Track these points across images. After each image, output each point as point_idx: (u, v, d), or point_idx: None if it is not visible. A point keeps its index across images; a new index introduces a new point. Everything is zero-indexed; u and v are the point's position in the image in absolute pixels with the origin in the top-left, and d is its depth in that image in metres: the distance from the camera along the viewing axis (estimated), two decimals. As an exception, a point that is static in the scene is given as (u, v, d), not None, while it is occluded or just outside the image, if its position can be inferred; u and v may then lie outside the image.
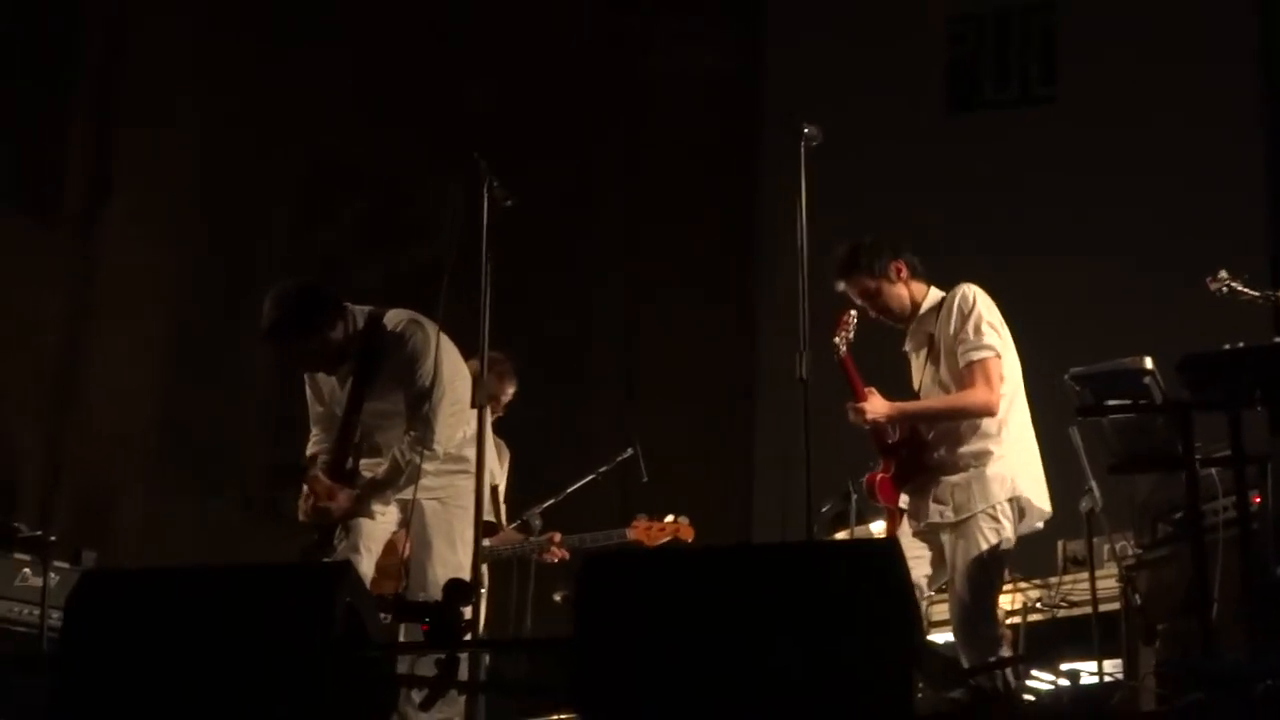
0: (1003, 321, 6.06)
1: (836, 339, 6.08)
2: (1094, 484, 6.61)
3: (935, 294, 6.17)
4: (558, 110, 11.87)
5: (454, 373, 6.01)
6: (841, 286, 6.11)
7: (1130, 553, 6.48)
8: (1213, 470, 5.43)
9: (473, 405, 5.56)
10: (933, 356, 6.10)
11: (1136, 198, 10.34)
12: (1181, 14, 10.65)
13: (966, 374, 5.93)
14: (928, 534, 5.97)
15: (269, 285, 6.19)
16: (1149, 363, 5.13)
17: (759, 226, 11.54)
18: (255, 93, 10.47)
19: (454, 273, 5.59)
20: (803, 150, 5.65)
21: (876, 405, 5.97)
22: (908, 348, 6.25)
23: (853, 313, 6.11)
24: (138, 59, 10.04)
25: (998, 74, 11.52)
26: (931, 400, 6.05)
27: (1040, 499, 5.97)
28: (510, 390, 7.42)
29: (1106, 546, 6.94)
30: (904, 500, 6.06)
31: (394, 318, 6.11)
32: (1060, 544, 7.29)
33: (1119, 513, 6.65)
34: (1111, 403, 5.16)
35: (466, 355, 6.17)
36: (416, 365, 5.95)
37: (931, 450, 6.00)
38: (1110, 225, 10.33)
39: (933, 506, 5.92)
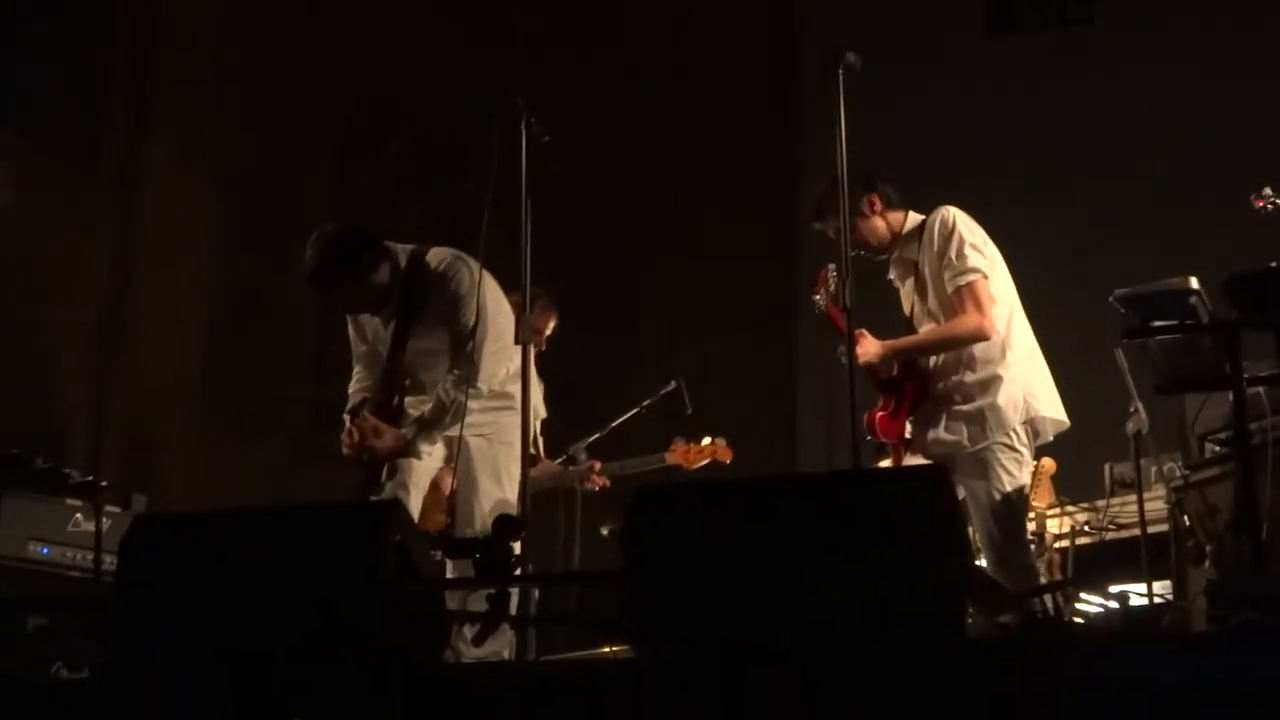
0: (986, 239, 5.98)
1: (816, 296, 6.04)
2: (1140, 406, 6.58)
3: (914, 218, 6.09)
4: (599, 43, 11.82)
5: (497, 309, 6.02)
6: (818, 226, 6.04)
7: (1178, 474, 6.45)
8: (1260, 389, 5.39)
9: (516, 342, 5.56)
10: (919, 285, 6.03)
11: (1177, 117, 10.25)
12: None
13: (955, 299, 5.86)
14: (939, 462, 5.90)
15: (312, 226, 6.20)
16: (1194, 283, 5.09)
17: (799, 151, 11.49)
18: (296, 33, 10.46)
19: (493, 209, 5.58)
20: (841, 77, 5.60)
21: (868, 346, 5.90)
22: (892, 276, 6.18)
23: (830, 268, 5.99)
24: (178, 3, 10.03)
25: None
26: (922, 334, 5.99)
27: (1054, 411, 5.92)
28: (551, 324, 7.42)
29: (1154, 468, 6.92)
30: (908, 430, 6.00)
31: (437, 256, 6.11)
32: (1108, 466, 7.27)
33: (1166, 434, 6.62)
34: (1157, 324, 5.13)
35: (506, 291, 6.17)
36: (460, 303, 5.96)
37: (936, 380, 5.94)
38: (1151, 145, 10.25)
39: (946, 436, 5.85)
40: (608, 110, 11.75)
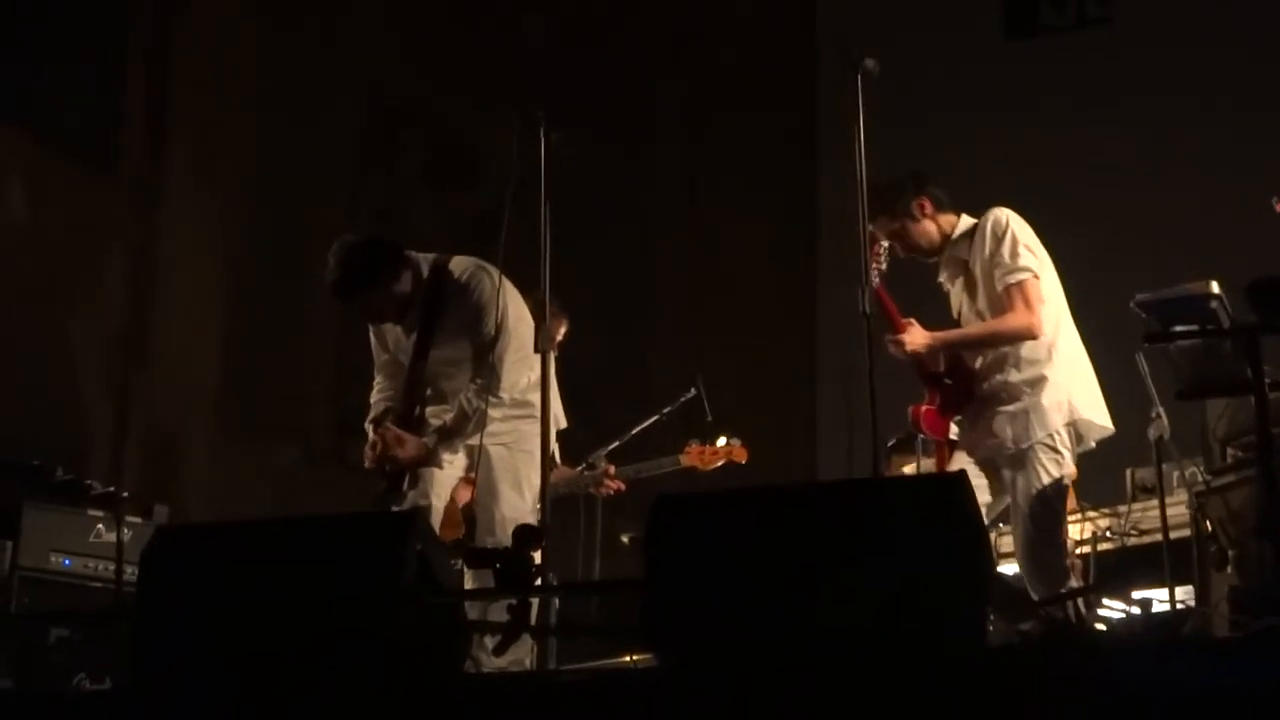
0: (1038, 242, 5.98)
1: (872, 268, 6.02)
2: (1162, 410, 6.56)
3: (966, 221, 6.09)
4: (616, 47, 11.83)
5: (518, 319, 6.02)
6: (869, 229, 6.05)
7: (1200, 479, 6.42)
8: (1282, 393, 5.37)
9: (535, 350, 5.57)
10: (969, 285, 6.03)
11: (1196, 120, 10.23)
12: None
13: (1005, 297, 5.86)
14: (985, 464, 5.92)
15: (330, 233, 6.21)
16: (1215, 287, 5.07)
17: (819, 157, 11.49)
18: (314, 39, 10.47)
19: (512, 217, 5.58)
20: (859, 81, 5.59)
21: (915, 336, 5.91)
22: (942, 278, 6.18)
23: (884, 243, 6.02)
24: (194, 7, 10.05)
25: (1054, -2, 11.41)
26: (971, 328, 5.99)
27: (1100, 417, 5.91)
28: (564, 330, 7.41)
29: (1176, 473, 6.89)
30: (954, 431, 6.02)
31: (459, 265, 6.12)
32: (1129, 472, 7.25)
33: (1188, 439, 6.60)
34: (1178, 328, 5.12)
35: (523, 296, 6.18)
36: (482, 313, 5.96)
37: (981, 380, 5.95)
38: (1171, 148, 10.23)
39: (990, 438, 5.88)
40: (624, 110, 11.76)
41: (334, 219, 10.25)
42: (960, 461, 5.96)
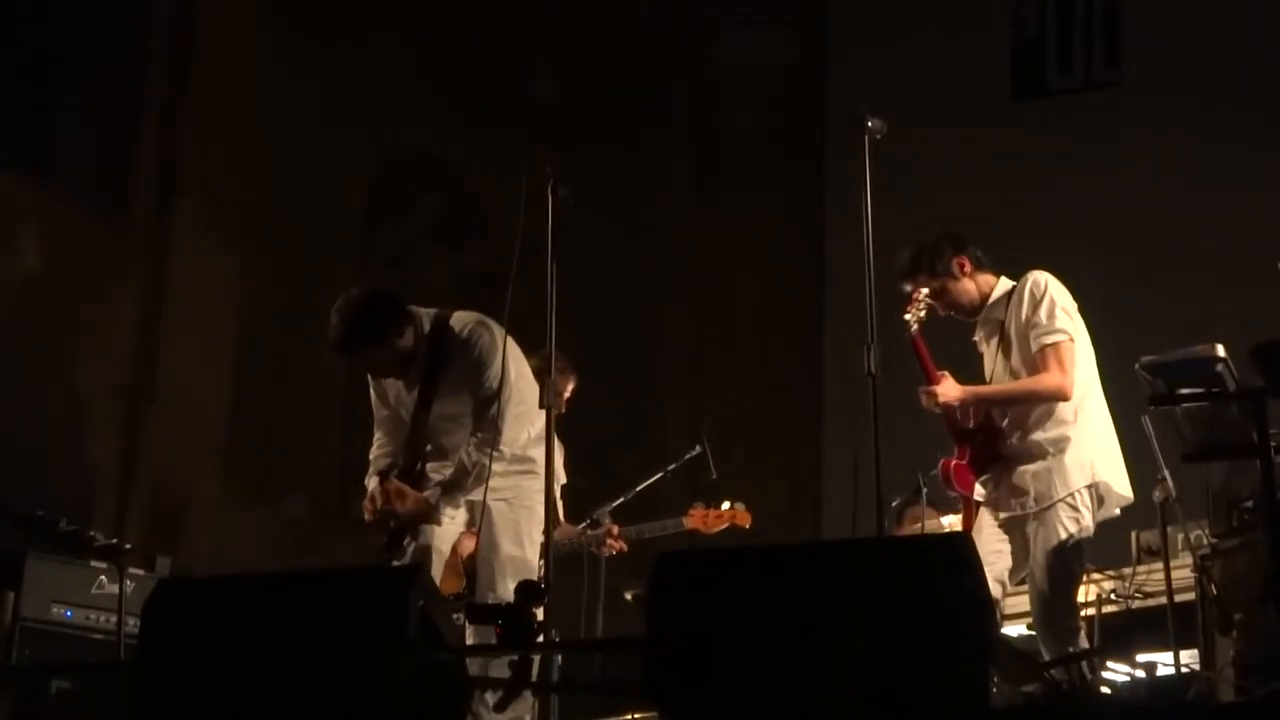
0: (1075, 307, 6.02)
1: (907, 315, 6.04)
2: (1167, 473, 6.55)
3: (1005, 283, 6.14)
4: (625, 102, 11.89)
5: (519, 374, 6.03)
6: (908, 288, 6.08)
7: (1205, 542, 6.41)
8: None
9: (541, 406, 5.57)
10: (1004, 345, 6.06)
11: (1204, 181, 10.24)
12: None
13: (1039, 358, 5.90)
14: (1010, 526, 5.93)
15: (339, 285, 6.24)
16: (1221, 350, 5.08)
17: (826, 216, 11.52)
18: (323, 91, 10.52)
19: (519, 273, 5.59)
20: (867, 142, 5.61)
21: (949, 389, 5.94)
22: (978, 338, 6.22)
23: (924, 290, 6.05)
24: (206, 57, 10.10)
25: (1062, 58, 11.44)
26: (1004, 385, 6.02)
27: (1121, 485, 5.93)
28: (571, 387, 7.42)
29: (1181, 536, 6.87)
30: (979, 491, 6.02)
31: (460, 320, 6.13)
32: (1134, 534, 7.23)
33: (1193, 502, 6.58)
34: (1184, 391, 5.12)
35: (528, 353, 6.19)
36: (484, 368, 5.97)
37: (1006, 437, 5.97)
38: (1178, 210, 10.24)
39: (1012, 498, 5.89)
40: (633, 168, 11.80)
41: (343, 271, 10.29)
42: (984, 524, 5.96)
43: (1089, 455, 5.87)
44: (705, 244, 12.28)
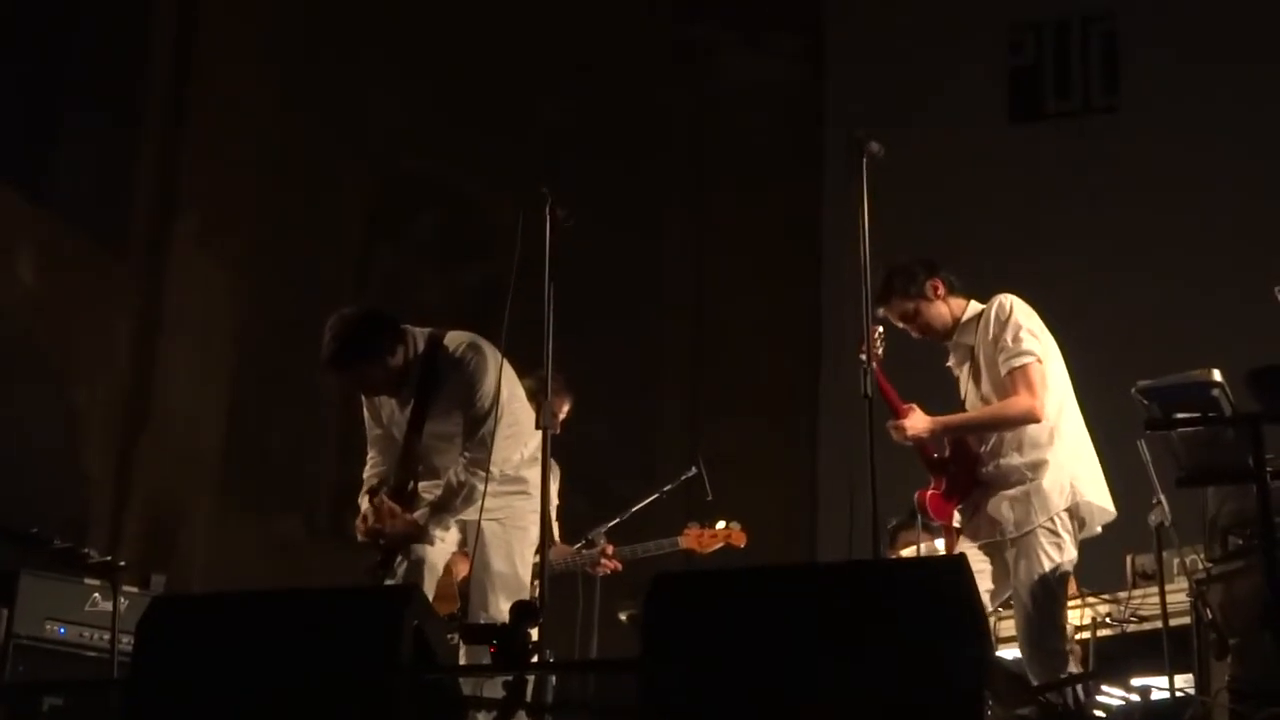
0: (1044, 328, 6.00)
1: (862, 355, 6.03)
2: (1163, 497, 6.54)
3: (975, 307, 6.12)
4: (625, 124, 11.91)
5: (511, 395, 6.03)
6: (882, 313, 6.08)
7: (1201, 567, 6.38)
8: (1283, 481, 5.36)
9: (536, 427, 5.57)
10: (974, 370, 6.05)
11: (1201, 207, 10.27)
12: (1244, 20, 10.57)
13: (1008, 382, 5.87)
14: (990, 548, 5.92)
15: (336, 305, 6.23)
16: (1217, 375, 5.08)
17: (824, 239, 11.53)
18: (322, 113, 10.54)
19: (517, 294, 5.60)
20: (865, 166, 5.62)
21: (916, 422, 5.92)
22: (951, 363, 6.21)
23: (880, 329, 6.03)
24: (204, 78, 10.12)
25: (1059, 84, 11.47)
26: (973, 412, 6.00)
27: (1102, 501, 5.91)
28: (566, 408, 7.41)
29: (1176, 560, 6.86)
30: (956, 518, 6.01)
31: (454, 340, 6.13)
32: (1129, 558, 7.22)
33: (1189, 526, 6.57)
34: (1180, 416, 5.11)
35: (523, 374, 6.19)
36: (475, 388, 5.96)
37: (982, 464, 5.95)
38: (1175, 235, 10.26)
39: (992, 522, 5.87)
40: (631, 187, 11.82)
41: (340, 291, 10.29)
42: (963, 546, 5.95)
43: (1067, 477, 5.85)
44: (703, 265, 12.29)
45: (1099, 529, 6.01)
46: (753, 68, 12.41)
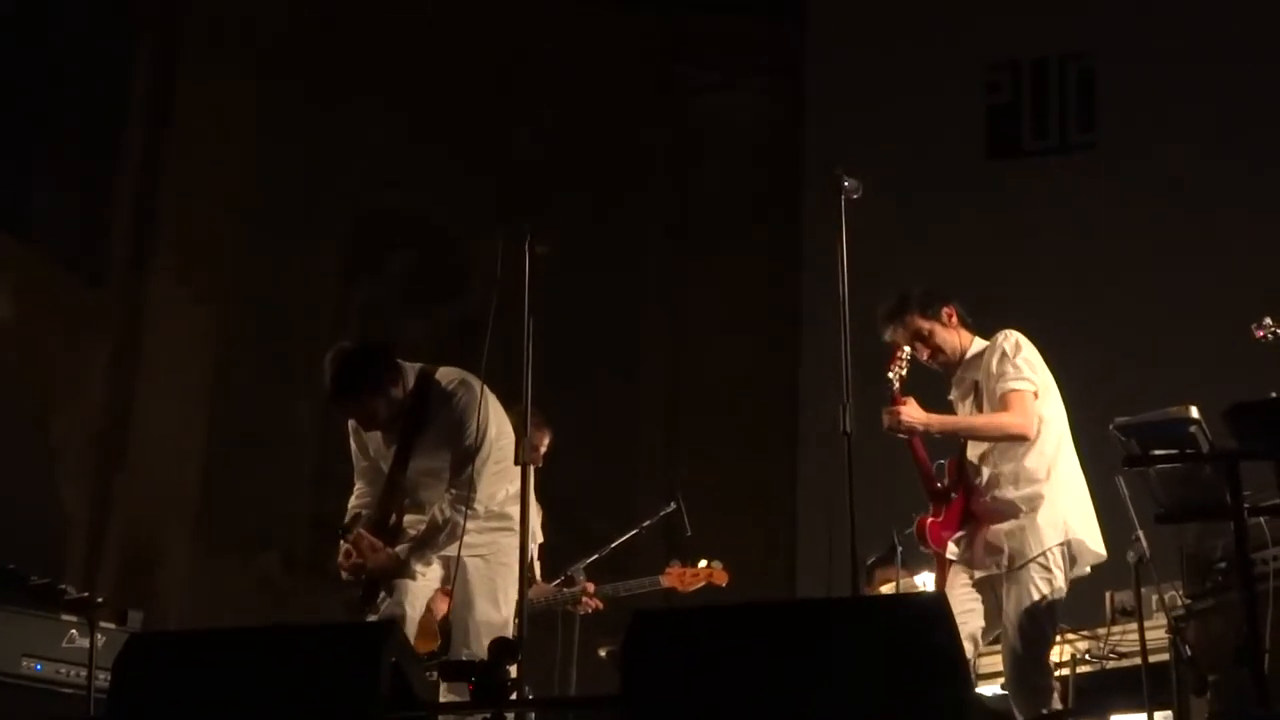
0: (1044, 366, 6.05)
1: (890, 374, 6.05)
2: (1141, 534, 6.55)
3: (980, 343, 6.18)
4: (604, 162, 11.94)
5: (499, 432, 6.02)
6: (889, 334, 6.10)
7: (1179, 603, 6.41)
8: (1261, 519, 5.38)
9: (515, 462, 5.56)
10: (976, 403, 6.09)
11: (1177, 244, 10.30)
12: (1220, 60, 10.63)
13: (1002, 400, 5.93)
14: (983, 585, 5.93)
15: (314, 342, 6.23)
16: (1194, 412, 5.10)
17: (803, 276, 11.54)
18: (299, 148, 10.55)
19: (496, 329, 5.60)
20: (843, 204, 5.64)
21: (913, 411, 5.94)
22: (953, 396, 6.25)
23: (906, 349, 6.08)
24: (184, 116, 10.13)
25: (1036, 122, 11.51)
26: (968, 417, 6.04)
27: (1094, 542, 5.95)
28: (547, 441, 7.41)
29: (1155, 597, 6.87)
30: (951, 549, 6.02)
31: (444, 376, 6.13)
32: (1108, 594, 7.23)
33: (1167, 563, 6.59)
34: (1158, 452, 5.13)
35: (504, 408, 6.19)
36: (464, 425, 5.96)
37: (980, 496, 5.98)
38: (1151, 273, 10.29)
39: (986, 555, 5.90)
40: (610, 225, 11.83)
41: (317, 328, 10.29)
42: (956, 583, 5.96)
43: (1062, 513, 5.89)
44: (682, 302, 12.30)
45: (1088, 569, 6.03)
46: (732, 107, 12.46)
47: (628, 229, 12.22)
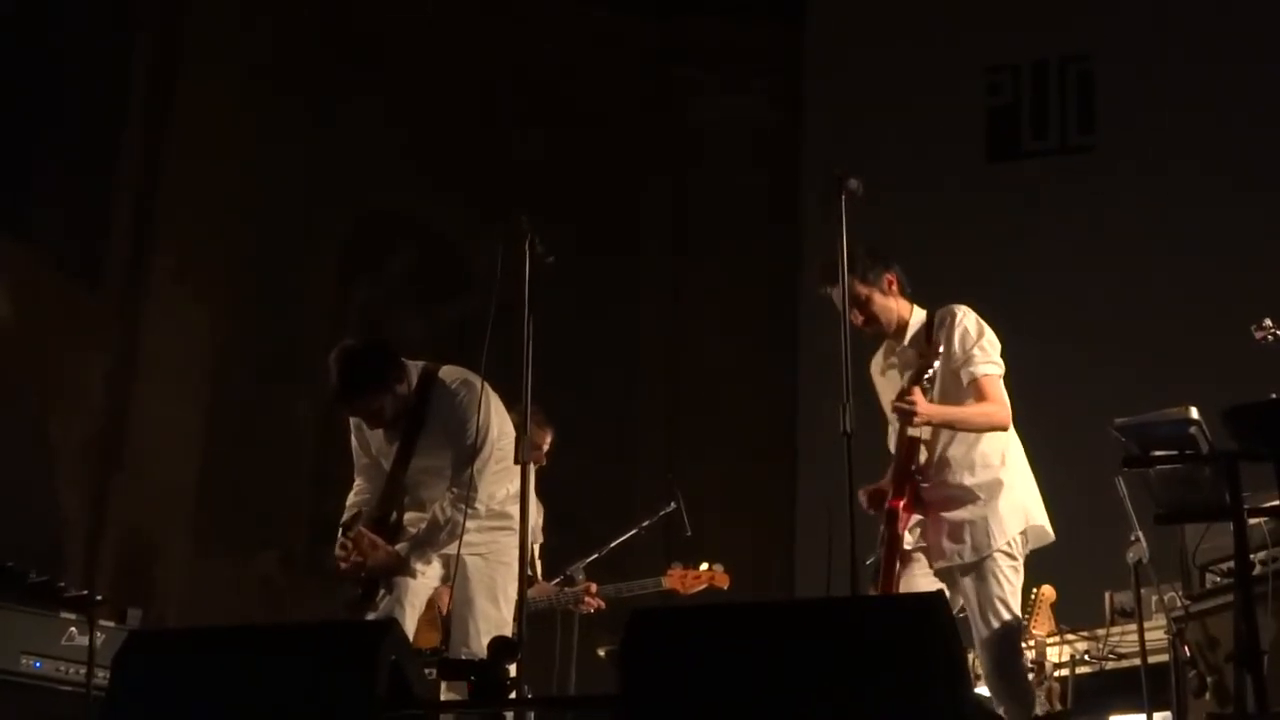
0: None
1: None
2: (1141, 535, 6.55)
3: (920, 313, 6.06)
4: (603, 161, 11.95)
5: (501, 432, 6.03)
6: (826, 291, 5.99)
7: (1179, 604, 6.41)
8: (1261, 520, 5.38)
9: (515, 462, 5.57)
10: (918, 377, 5.90)
11: (1177, 246, 10.31)
12: (1219, 62, 10.64)
13: (978, 386, 5.80)
14: (943, 575, 5.85)
15: (313, 342, 6.24)
16: (1194, 412, 5.09)
17: (803, 277, 11.55)
18: (298, 149, 10.55)
19: (496, 329, 5.60)
20: (844, 204, 5.62)
21: (925, 405, 5.76)
22: (888, 363, 6.10)
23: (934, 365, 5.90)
24: (182, 116, 10.13)
25: (1036, 124, 11.52)
26: (963, 408, 5.84)
27: (1046, 524, 5.86)
28: (548, 440, 7.41)
29: (1154, 598, 6.88)
30: (909, 539, 5.88)
31: (448, 375, 6.13)
32: (1108, 595, 7.23)
33: (1166, 563, 6.59)
34: (1157, 453, 5.13)
35: (505, 408, 6.19)
36: (465, 424, 5.96)
37: (928, 479, 5.85)
38: (1150, 274, 10.30)
39: (948, 545, 5.77)
40: (609, 226, 11.84)
41: (317, 328, 10.29)
42: (916, 572, 5.84)
43: (1021, 499, 5.79)
44: (681, 303, 12.31)
45: (1032, 548, 5.94)
46: (732, 108, 12.46)
47: (628, 229, 12.23)
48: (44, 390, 9.21)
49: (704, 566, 7.52)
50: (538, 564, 7.49)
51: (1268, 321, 6.01)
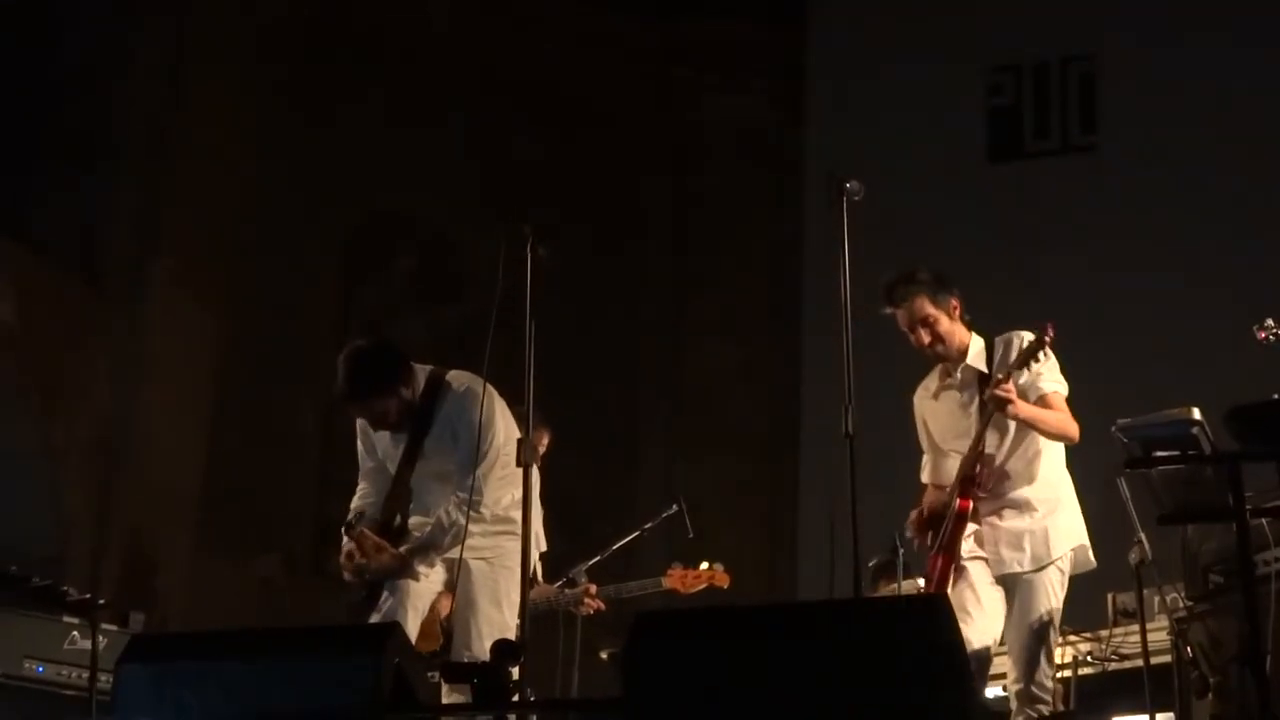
0: None
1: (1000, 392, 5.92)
2: (1143, 535, 6.54)
3: (978, 340, 6.12)
4: (604, 162, 11.95)
5: (507, 437, 6.01)
6: (888, 309, 6.02)
7: (1181, 605, 6.40)
8: (1263, 520, 5.37)
9: (517, 464, 5.56)
10: (981, 401, 5.98)
11: (1178, 246, 10.30)
12: (1220, 63, 10.63)
13: (1043, 404, 5.88)
14: (1002, 580, 5.89)
15: (315, 344, 6.23)
16: (1196, 413, 5.09)
17: (804, 279, 11.55)
18: (302, 151, 10.55)
19: (497, 331, 5.60)
20: (845, 205, 5.63)
21: (1016, 398, 5.81)
22: (943, 385, 6.13)
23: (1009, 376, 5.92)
24: (185, 118, 10.13)
25: (1038, 124, 11.52)
26: (1044, 411, 5.91)
27: (1089, 550, 5.95)
28: (546, 441, 7.40)
29: (1157, 599, 6.86)
30: (967, 547, 5.92)
31: (456, 379, 6.13)
32: (1110, 596, 7.23)
33: (1169, 564, 6.58)
34: (1159, 454, 5.13)
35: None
36: (472, 428, 5.95)
37: (998, 489, 5.93)
38: (1152, 274, 10.29)
39: (1006, 553, 5.85)
40: (610, 227, 11.84)
41: (318, 330, 10.29)
42: (977, 580, 5.86)
43: (1077, 517, 5.92)
44: (682, 302, 12.31)
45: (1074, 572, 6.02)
46: (734, 109, 12.47)
47: (628, 229, 12.23)
48: (46, 392, 9.21)
49: (704, 566, 7.51)
50: (538, 568, 7.48)
51: (1269, 321, 6.00)
